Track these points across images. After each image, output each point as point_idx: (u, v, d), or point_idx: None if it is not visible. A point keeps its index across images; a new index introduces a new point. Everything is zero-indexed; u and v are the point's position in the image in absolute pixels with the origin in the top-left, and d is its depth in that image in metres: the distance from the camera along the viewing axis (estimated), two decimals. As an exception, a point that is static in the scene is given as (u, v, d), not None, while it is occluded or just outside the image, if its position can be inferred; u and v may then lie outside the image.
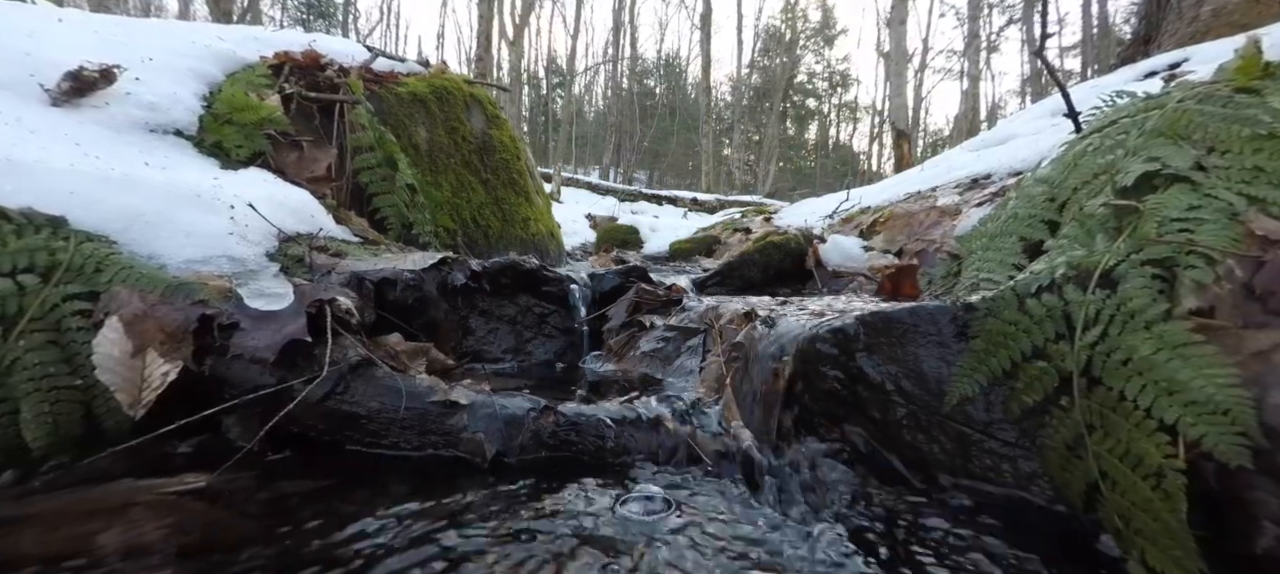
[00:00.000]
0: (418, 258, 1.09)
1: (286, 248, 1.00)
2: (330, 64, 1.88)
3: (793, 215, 4.00)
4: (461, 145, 2.33)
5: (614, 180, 37.25)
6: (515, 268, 1.22)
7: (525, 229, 2.56)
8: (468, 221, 2.23)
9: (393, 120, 2.04)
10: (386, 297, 1.01)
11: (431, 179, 2.13)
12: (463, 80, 2.56)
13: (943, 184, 2.12)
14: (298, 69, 1.75)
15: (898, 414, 0.76)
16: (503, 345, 1.18)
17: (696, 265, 3.27)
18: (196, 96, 1.44)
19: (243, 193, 1.13)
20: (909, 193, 2.27)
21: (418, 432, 0.77)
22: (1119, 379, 0.54)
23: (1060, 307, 0.62)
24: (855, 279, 1.78)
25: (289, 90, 1.64)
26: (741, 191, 28.14)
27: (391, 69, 2.41)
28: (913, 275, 1.33)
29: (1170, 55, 2.68)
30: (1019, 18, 30.33)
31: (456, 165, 2.27)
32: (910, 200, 2.05)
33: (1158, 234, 0.61)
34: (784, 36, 32.66)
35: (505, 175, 2.53)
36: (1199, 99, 0.77)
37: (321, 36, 2.45)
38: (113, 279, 0.77)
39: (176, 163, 1.19)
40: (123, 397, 0.72)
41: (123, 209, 0.88)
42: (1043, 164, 1.03)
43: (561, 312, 1.31)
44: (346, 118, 1.70)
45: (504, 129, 2.64)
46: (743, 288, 1.71)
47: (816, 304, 1.23)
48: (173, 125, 1.31)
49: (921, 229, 1.77)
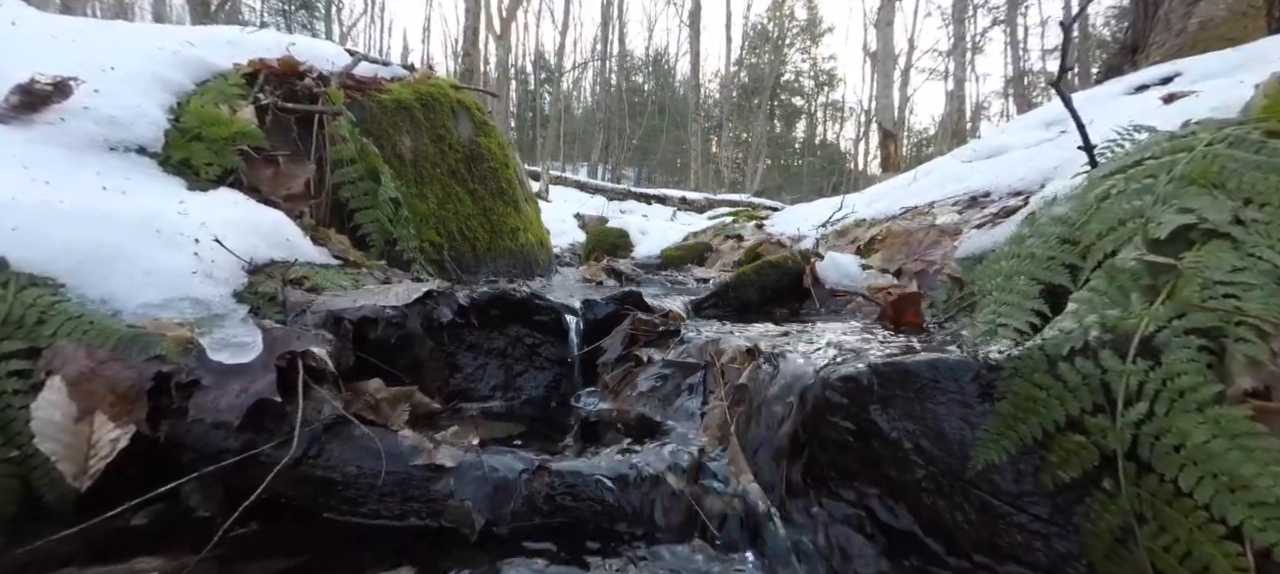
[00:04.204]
0: (402, 290, 1.02)
1: (257, 284, 0.92)
2: (309, 71, 1.79)
3: (785, 222, 3.97)
4: (448, 154, 2.25)
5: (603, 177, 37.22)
6: (505, 298, 1.15)
7: (514, 240, 2.49)
8: (454, 234, 2.15)
9: (376, 130, 1.96)
10: (367, 336, 0.95)
11: (416, 191, 2.05)
12: (449, 85, 2.48)
13: (939, 199, 2.09)
14: (274, 77, 1.66)
15: (916, 475, 0.72)
16: (492, 382, 1.12)
17: (688, 273, 3.23)
18: (162, 109, 1.35)
19: (211, 217, 1.05)
20: (905, 207, 2.24)
21: (399, 499, 0.70)
22: (1171, 466, 0.49)
23: (1097, 374, 0.58)
24: (853, 299, 1.74)
25: (264, 101, 1.55)
26: (730, 189, 28.22)
27: (375, 74, 2.32)
28: (916, 304, 1.29)
29: (1161, 68, 2.68)
30: (1003, 19, 30.70)
31: (443, 175, 2.19)
32: (908, 217, 2.02)
33: (1201, 299, 0.57)
34: (771, 34, 32.72)
35: (493, 184, 2.45)
36: (1229, 143, 0.73)
37: (301, 38, 2.35)
38: (57, 332, 0.69)
39: (138, 185, 1.10)
40: (66, 467, 0.65)
41: (73, 245, 0.80)
42: (1055, 198, 0.99)
43: (554, 341, 1.25)
44: (326, 130, 1.62)
45: (492, 136, 2.56)
46: (740, 309, 1.67)
47: (819, 333, 1.19)
48: (135, 142, 1.22)
49: (920, 249, 1.74)
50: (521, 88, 35.68)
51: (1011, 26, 28.90)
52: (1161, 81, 2.51)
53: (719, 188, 28.67)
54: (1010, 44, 29.76)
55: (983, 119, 37.37)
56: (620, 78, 36.11)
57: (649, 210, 13.53)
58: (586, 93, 39.97)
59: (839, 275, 1.84)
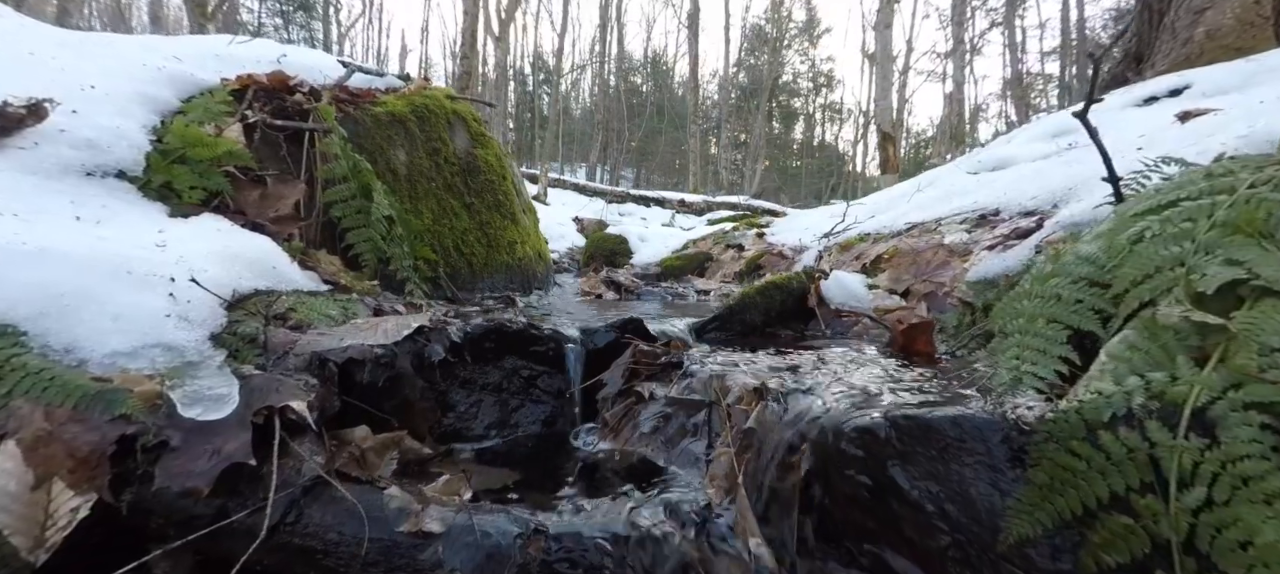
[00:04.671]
0: (391, 326, 0.97)
1: (237, 324, 0.87)
2: (299, 85, 1.74)
3: (786, 231, 3.92)
4: (444, 168, 2.20)
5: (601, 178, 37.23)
6: (501, 330, 1.10)
7: (511, 253, 2.44)
8: (450, 250, 2.10)
9: (369, 144, 1.91)
10: (354, 378, 0.89)
11: (411, 206, 1.99)
12: (445, 96, 2.43)
13: (946, 216, 2.04)
14: (263, 92, 1.61)
15: (941, 542, 0.67)
16: (487, 419, 1.06)
17: (689, 285, 3.18)
18: (144, 129, 1.29)
19: (191, 249, 1.00)
20: (911, 222, 2.19)
21: (384, 569, 0.65)
22: (1237, 566, 0.45)
23: (1144, 448, 0.53)
24: (860, 321, 1.69)
25: (252, 118, 1.50)
26: (728, 191, 28.22)
27: (369, 85, 2.27)
28: (928, 333, 1.24)
29: (1169, 79, 2.64)
30: (1001, 21, 30.79)
31: (438, 189, 2.14)
32: (914, 233, 1.97)
33: (1259, 369, 0.52)
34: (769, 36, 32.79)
35: (490, 197, 2.40)
36: (1274, 186, 0.68)
37: (293, 49, 2.30)
38: (14, 389, 0.64)
39: (115, 214, 1.05)
40: (20, 540, 0.59)
41: (36, 288, 0.74)
42: (1078, 230, 0.94)
43: (551, 372, 1.20)
44: (317, 147, 1.57)
45: (489, 147, 2.51)
46: (744, 332, 1.62)
47: (827, 364, 1.14)
48: (115, 166, 1.17)
49: (929, 269, 1.69)
50: (520, 88, 35.69)
51: (1010, 28, 28.94)
52: (1171, 93, 2.47)
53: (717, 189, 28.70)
54: (1008, 46, 29.80)
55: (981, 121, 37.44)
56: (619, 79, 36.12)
57: (647, 213, 13.50)
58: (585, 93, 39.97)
59: (844, 296, 1.79)
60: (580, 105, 40.24)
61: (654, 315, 1.89)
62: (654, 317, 1.78)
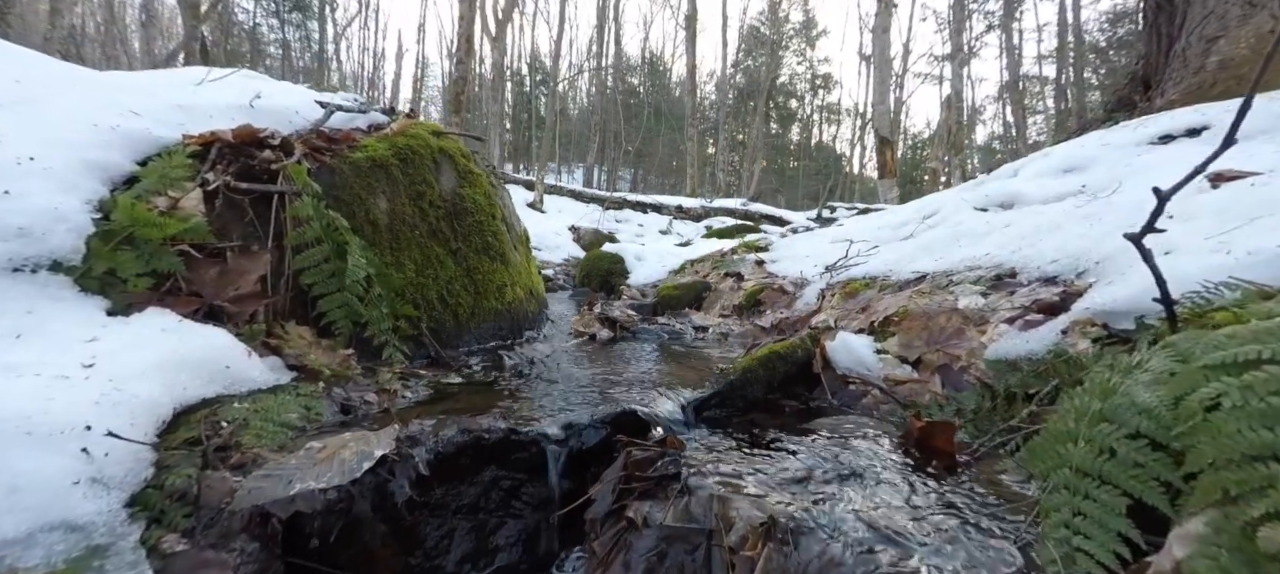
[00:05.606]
0: (350, 454, 0.86)
1: (165, 474, 0.75)
2: (270, 138, 1.62)
3: (786, 258, 3.81)
4: (429, 213, 2.08)
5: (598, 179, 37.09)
6: (478, 444, 0.99)
7: (500, 298, 2.32)
8: (434, 303, 1.98)
9: (347, 195, 1.79)
10: (303, 531, 0.78)
11: (392, 259, 1.88)
12: (430, 132, 2.31)
13: (957, 268, 1.94)
14: (229, 149, 1.49)
15: None
16: (460, 550, 0.95)
17: (686, 320, 3.06)
18: (88, 205, 1.17)
19: (125, 365, 0.89)
20: (919, 272, 2.08)
21: None
22: None
23: None
24: (869, 391, 1.58)
25: (214, 183, 1.38)
26: (725, 193, 28.19)
27: (350, 125, 2.15)
28: (949, 434, 1.13)
29: (1186, 115, 2.54)
30: (998, 24, 30.86)
31: (422, 237, 2.02)
32: (924, 289, 1.86)
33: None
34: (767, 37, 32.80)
35: (478, 240, 2.29)
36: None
37: (270, 86, 2.18)
38: None
39: (40, 322, 0.93)
40: None
41: (-80, 456, 0.63)
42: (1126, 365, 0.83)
43: (535, 480, 1.09)
44: (287, 212, 1.45)
45: (477, 185, 2.39)
46: (747, 408, 1.51)
47: (841, 469, 1.03)
48: (49, 256, 1.05)
49: (942, 337, 1.58)
50: (517, 89, 35.57)
51: (1007, 32, 28.97)
52: (1189, 132, 2.37)
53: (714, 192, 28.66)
54: (1005, 49, 29.85)
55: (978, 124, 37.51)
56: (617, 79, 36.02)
57: (644, 220, 13.40)
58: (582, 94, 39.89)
59: (851, 361, 1.68)
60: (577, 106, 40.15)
61: (649, 377, 1.78)
62: (649, 382, 1.67)
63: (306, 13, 26.85)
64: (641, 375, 1.82)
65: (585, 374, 1.82)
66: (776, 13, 32.23)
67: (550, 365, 1.98)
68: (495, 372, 1.79)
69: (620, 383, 1.64)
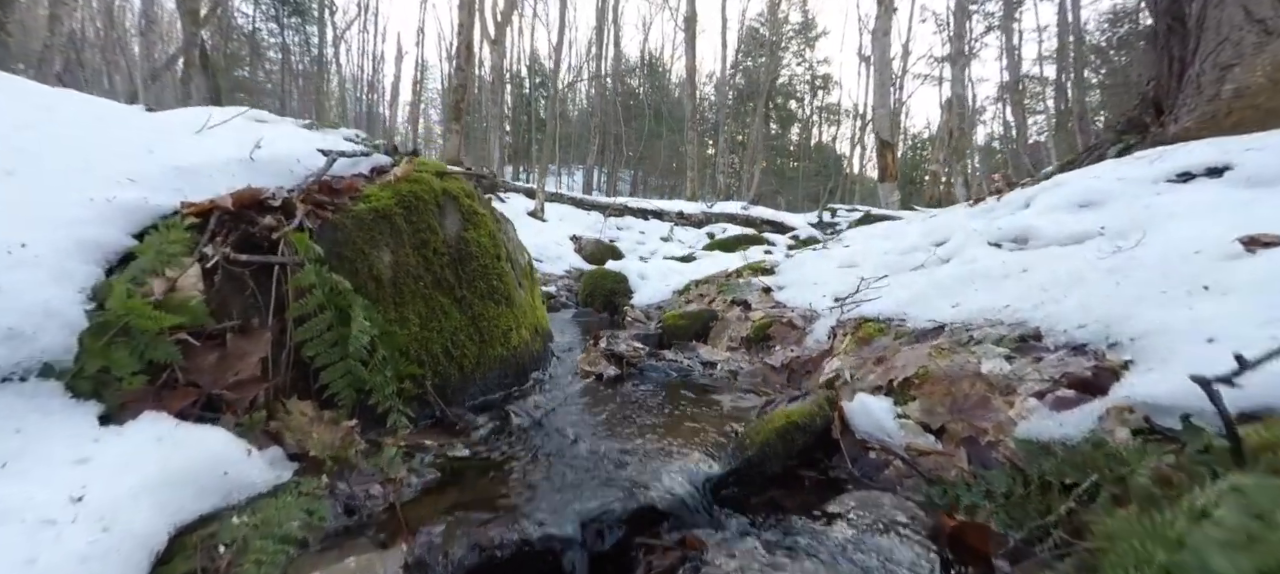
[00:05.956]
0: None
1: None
2: (271, 199, 1.57)
3: (793, 284, 3.76)
4: (433, 261, 2.03)
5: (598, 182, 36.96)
6: (491, 563, 0.94)
7: (505, 343, 2.27)
8: (439, 357, 1.93)
9: (350, 251, 1.74)
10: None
11: (396, 315, 1.83)
12: (435, 174, 2.26)
13: (975, 322, 1.89)
14: (228, 217, 1.44)
15: None
16: (474, 679, 0.90)
17: (694, 356, 3.00)
18: (82, 294, 1.12)
19: (117, 490, 0.84)
20: (936, 321, 2.03)
21: None
22: None
23: None
24: (891, 462, 1.53)
25: (213, 258, 1.33)
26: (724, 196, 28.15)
27: (353, 170, 2.11)
28: (982, 538, 1.08)
29: (1204, 151, 2.49)
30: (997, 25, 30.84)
31: (427, 287, 1.97)
32: (944, 344, 1.81)
33: None
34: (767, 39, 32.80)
35: (483, 285, 2.24)
36: None
37: (269, 129, 2.13)
38: None
39: (27, 442, 0.88)
40: None
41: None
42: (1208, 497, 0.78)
43: (550, 586, 1.04)
44: (288, 284, 1.40)
45: (482, 227, 2.34)
46: (764, 484, 1.46)
47: None
48: (40, 358, 1.00)
49: (966, 405, 1.53)
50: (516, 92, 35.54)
51: (1006, 32, 28.96)
52: (1209, 172, 2.32)
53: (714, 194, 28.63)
54: (1005, 49, 29.84)
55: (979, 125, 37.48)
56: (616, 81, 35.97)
57: (645, 227, 13.35)
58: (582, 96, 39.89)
59: (871, 425, 1.63)
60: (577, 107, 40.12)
61: (661, 438, 1.73)
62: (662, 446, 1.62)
63: (305, 17, 26.78)
64: (653, 434, 1.78)
65: (596, 435, 1.78)
66: (776, 14, 32.20)
67: (559, 423, 1.93)
68: (503, 437, 1.74)
69: (632, 451, 1.59)
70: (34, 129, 1.67)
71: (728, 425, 1.89)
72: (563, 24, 16.44)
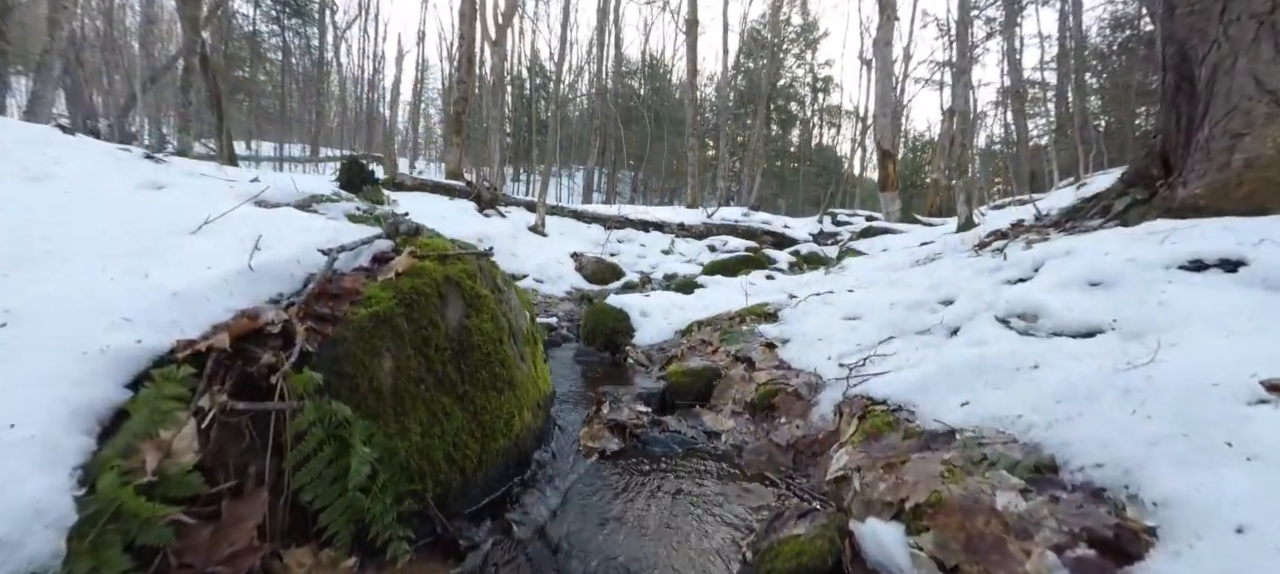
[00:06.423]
0: None
1: None
2: (270, 326, 1.53)
3: (797, 337, 3.73)
4: (434, 359, 1.99)
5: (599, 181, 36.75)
6: None
7: (508, 433, 2.23)
8: (440, 464, 1.89)
9: (351, 364, 1.70)
10: None
11: (397, 427, 1.79)
12: (438, 258, 2.22)
13: (986, 430, 1.86)
14: (226, 358, 1.40)
15: None
16: None
17: (698, 423, 2.97)
18: (73, 476, 1.08)
19: None
20: (947, 427, 2.00)
21: None
22: None
23: None
24: (902, 601, 1.50)
25: (209, 410, 1.29)
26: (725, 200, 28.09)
27: (355, 264, 2.07)
28: None
29: (1217, 236, 2.45)
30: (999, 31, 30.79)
31: (429, 390, 1.94)
32: (954, 462, 1.78)
33: None
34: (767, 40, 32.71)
35: (485, 374, 2.20)
36: None
37: (269, 224, 2.09)
38: None
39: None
40: None
41: None
42: None
43: None
44: (287, 431, 1.36)
45: (484, 311, 2.30)
46: (774, 630, 1.43)
47: None
48: (26, 569, 0.96)
49: (981, 544, 1.50)
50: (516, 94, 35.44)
51: (1008, 38, 28.92)
52: (1222, 264, 2.28)
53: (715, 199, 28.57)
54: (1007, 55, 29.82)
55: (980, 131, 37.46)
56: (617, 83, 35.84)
57: (646, 239, 13.32)
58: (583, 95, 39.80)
59: (882, 556, 1.61)
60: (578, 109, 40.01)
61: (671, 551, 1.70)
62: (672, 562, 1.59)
63: (305, 18, 26.64)
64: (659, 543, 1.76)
65: (599, 549, 1.75)
66: (777, 16, 32.11)
67: (562, 530, 1.91)
68: (504, 552, 1.71)
69: None
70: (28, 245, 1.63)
71: (735, 535, 1.86)
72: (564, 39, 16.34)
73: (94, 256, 1.66)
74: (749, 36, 35.57)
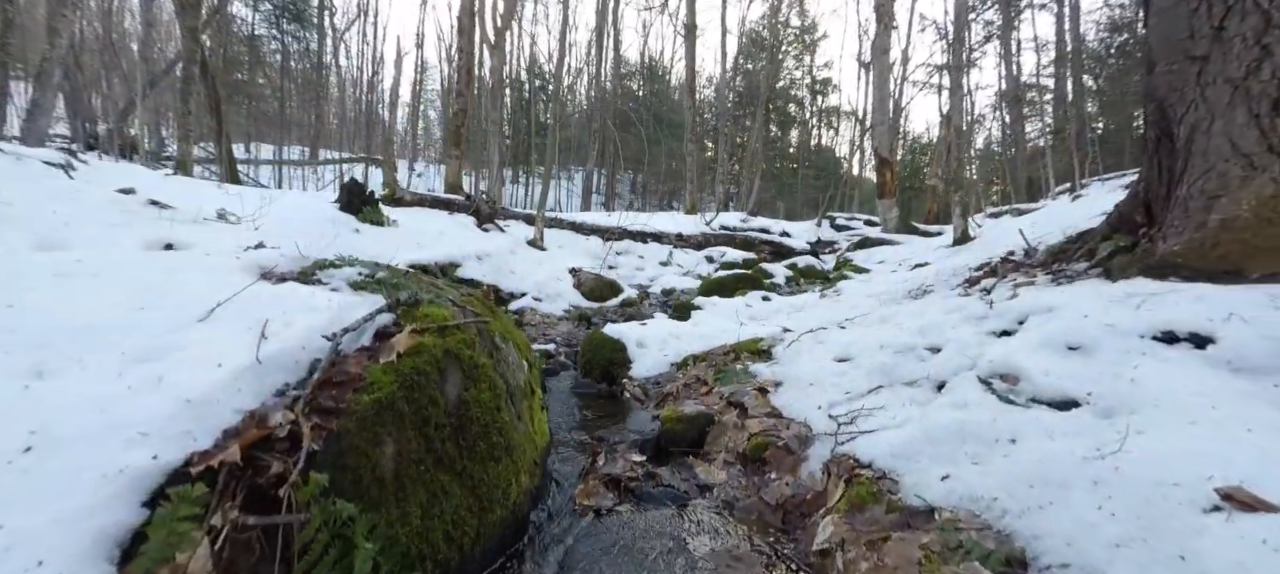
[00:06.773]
0: None
1: None
2: (277, 430, 1.61)
3: (790, 380, 3.81)
4: (434, 438, 2.07)
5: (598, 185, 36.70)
6: None
7: (505, 501, 2.32)
8: (439, 544, 1.98)
9: (354, 457, 1.78)
10: None
11: (398, 513, 1.87)
12: (438, 330, 2.30)
13: (960, 513, 1.94)
14: (237, 471, 1.48)
15: None
16: None
17: (691, 476, 3.06)
18: (97, 611, 1.17)
19: None
20: (924, 502, 2.08)
21: None
22: None
23: None
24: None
25: (222, 527, 1.37)
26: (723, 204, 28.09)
27: (357, 344, 2.14)
28: None
29: (1188, 309, 2.52)
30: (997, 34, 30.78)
31: (428, 470, 2.02)
32: (932, 546, 1.86)
33: None
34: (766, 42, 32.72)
35: (483, 446, 2.28)
36: None
37: (275, 307, 2.17)
38: None
39: None
40: None
41: None
42: None
43: None
44: (295, 544, 1.45)
45: (483, 381, 2.38)
46: None
47: None
48: None
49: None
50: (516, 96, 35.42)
51: (1005, 41, 28.95)
52: (1193, 340, 2.36)
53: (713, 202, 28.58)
54: (1004, 58, 29.84)
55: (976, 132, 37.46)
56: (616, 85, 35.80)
57: (644, 251, 13.38)
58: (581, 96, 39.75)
59: (861, 645, 1.69)
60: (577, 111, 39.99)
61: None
62: None
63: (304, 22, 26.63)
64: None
65: None
66: (776, 17, 32.11)
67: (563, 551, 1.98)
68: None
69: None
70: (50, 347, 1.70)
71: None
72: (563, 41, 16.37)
73: (112, 355, 1.74)
74: (748, 38, 35.59)
